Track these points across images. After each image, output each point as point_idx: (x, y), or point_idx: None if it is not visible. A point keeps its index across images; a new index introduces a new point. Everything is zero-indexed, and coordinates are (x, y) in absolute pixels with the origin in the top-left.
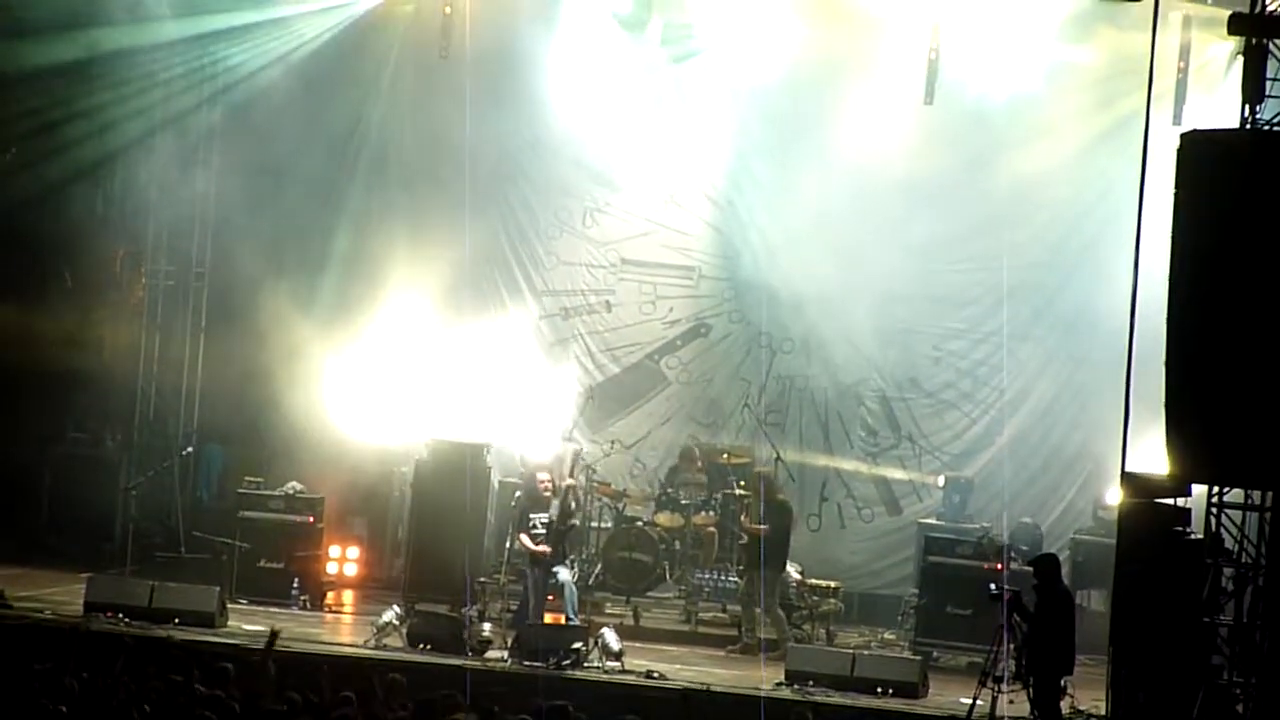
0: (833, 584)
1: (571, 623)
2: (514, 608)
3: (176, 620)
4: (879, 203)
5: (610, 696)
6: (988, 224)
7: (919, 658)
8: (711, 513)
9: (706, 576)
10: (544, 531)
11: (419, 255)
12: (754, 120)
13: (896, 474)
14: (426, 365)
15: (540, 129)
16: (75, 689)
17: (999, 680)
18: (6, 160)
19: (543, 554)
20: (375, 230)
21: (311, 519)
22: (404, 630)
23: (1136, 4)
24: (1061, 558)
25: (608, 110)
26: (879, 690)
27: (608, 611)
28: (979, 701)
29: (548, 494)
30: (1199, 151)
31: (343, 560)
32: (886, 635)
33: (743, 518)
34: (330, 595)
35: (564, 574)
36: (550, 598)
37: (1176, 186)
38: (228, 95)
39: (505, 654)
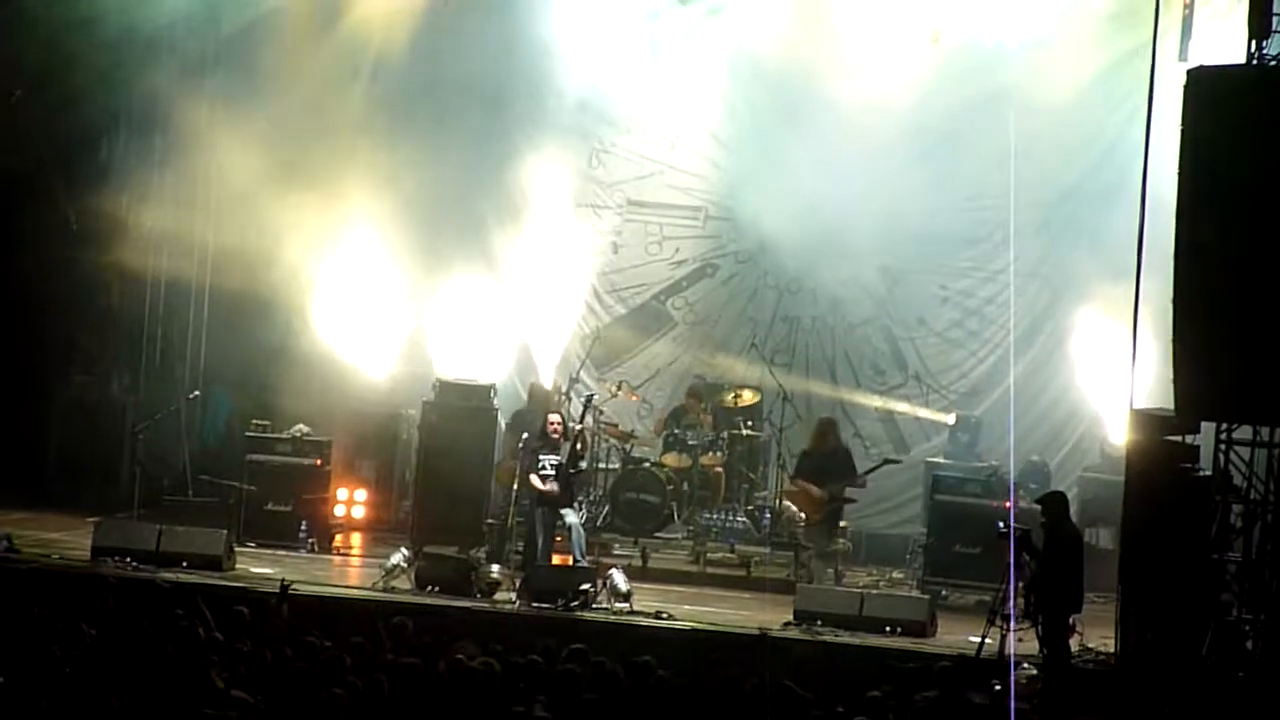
0: (841, 524)
1: (580, 564)
2: (521, 549)
3: (184, 564)
4: (886, 142)
5: (619, 637)
6: (994, 162)
7: (927, 597)
8: (719, 453)
9: (714, 517)
10: (553, 473)
11: (424, 198)
12: (761, 61)
13: (904, 413)
14: (431, 307)
15: (545, 70)
16: (86, 634)
17: (1007, 618)
18: (12, 102)
19: (550, 493)
20: (380, 173)
21: (319, 462)
22: (412, 573)
23: None
24: (1070, 496)
25: (613, 52)
26: (887, 629)
27: (616, 553)
28: (987, 640)
29: (556, 436)
30: (1206, 88)
31: (350, 503)
32: (895, 574)
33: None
34: (338, 538)
35: (571, 516)
36: (558, 539)
37: (1183, 123)
38: (230, 34)
39: (514, 596)
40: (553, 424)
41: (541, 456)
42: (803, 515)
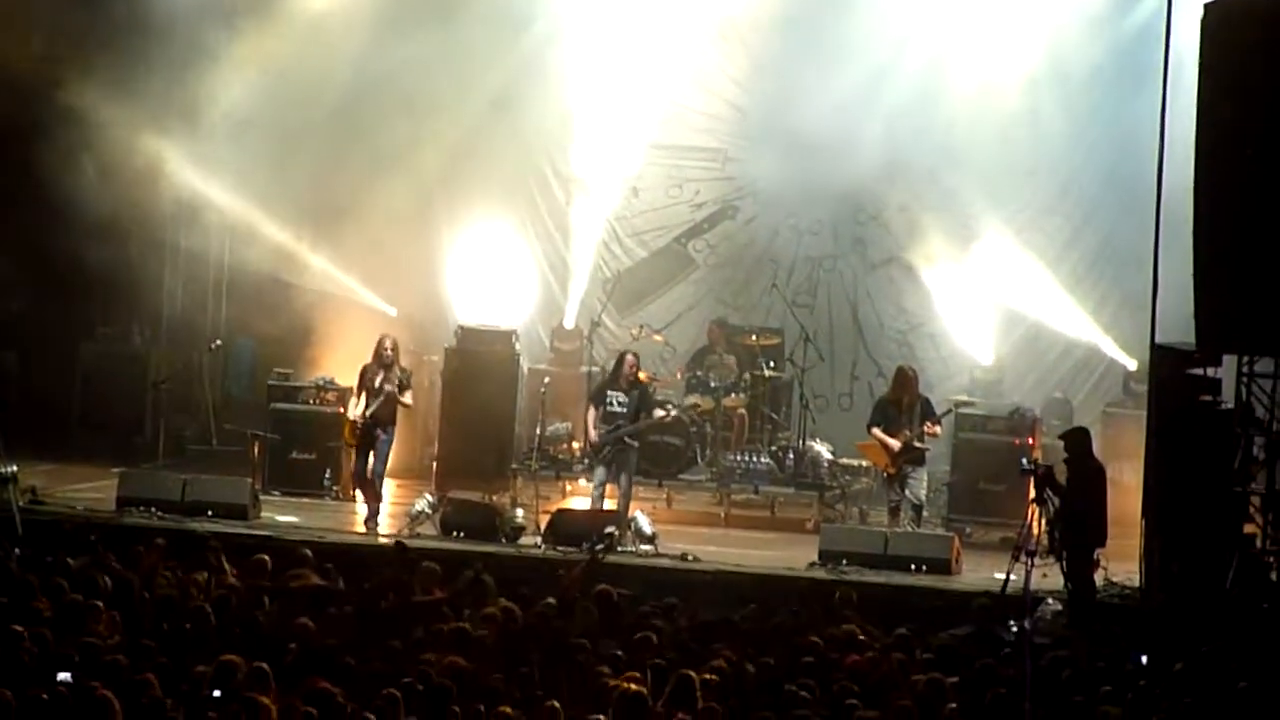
0: (864, 463)
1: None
2: (546, 495)
3: (209, 513)
4: (905, 80)
5: (645, 580)
6: (1013, 98)
7: (951, 534)
8: (741, 395)
9: (738, 459)
10: (621, 410)
11: (443, 141)
12: (778, 2)
13: (928, 351)
14: (454, 253)
15: (563, 16)
16: (109, 585)
17: (1032, 554)
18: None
19: (594, 445)
20: (400, 122)
21: (342, 410)
22: (437, 519)
23: None
24: (1093, 431)
25: None
26: (912, 567)
27: (640, 496)
28: (1012, 576)
29: (634, 376)
30: (1224, 22)
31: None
32: None
33: (931, 426)
34: None
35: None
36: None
37: (1202, 57)
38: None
39: (539, 540)
40: (630, 364)
41: (610, 392)
42: (880, 467)
